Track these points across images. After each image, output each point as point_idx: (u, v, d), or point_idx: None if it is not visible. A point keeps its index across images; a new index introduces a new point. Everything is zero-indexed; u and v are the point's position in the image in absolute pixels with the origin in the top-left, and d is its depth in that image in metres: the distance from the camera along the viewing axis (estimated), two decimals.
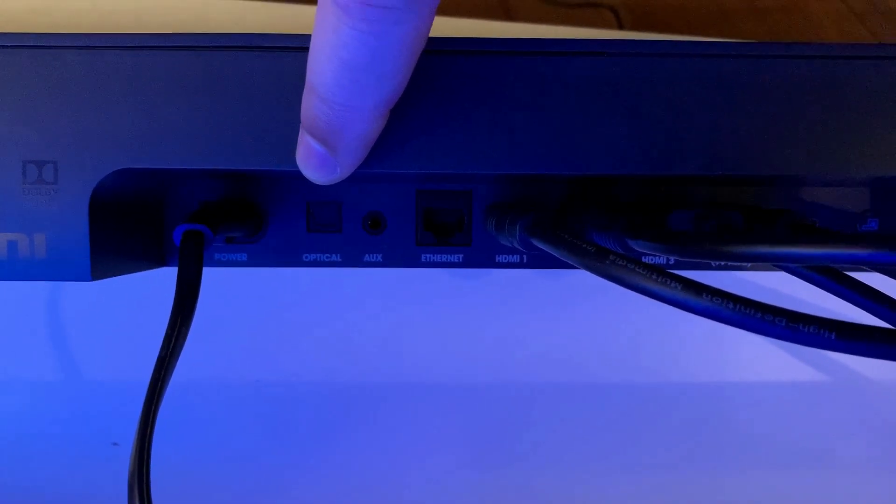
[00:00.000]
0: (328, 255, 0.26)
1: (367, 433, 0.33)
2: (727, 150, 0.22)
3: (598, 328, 0.33)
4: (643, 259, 0.26)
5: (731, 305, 0.17)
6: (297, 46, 0.21)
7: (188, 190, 0.25)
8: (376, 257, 0.26)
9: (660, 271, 0.18)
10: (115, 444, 0.31)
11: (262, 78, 0.21)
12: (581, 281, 0.33)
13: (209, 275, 0.31)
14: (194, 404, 0.32)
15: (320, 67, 0.17)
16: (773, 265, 0.25)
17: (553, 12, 0.70)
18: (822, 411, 0.33)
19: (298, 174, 0.24)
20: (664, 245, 0.20)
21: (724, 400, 0.33)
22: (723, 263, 0.27)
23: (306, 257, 0.26)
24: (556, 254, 0.21)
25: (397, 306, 0.33)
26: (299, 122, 0.20)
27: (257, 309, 0.32)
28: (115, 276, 0.23)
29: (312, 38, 0.18)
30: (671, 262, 0.26)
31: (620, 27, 0.73)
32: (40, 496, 0.32)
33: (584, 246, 0.19)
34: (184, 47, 0.21)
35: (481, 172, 0.22)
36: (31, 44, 0.21)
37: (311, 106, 0.18)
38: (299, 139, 0.20)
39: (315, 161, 0.19)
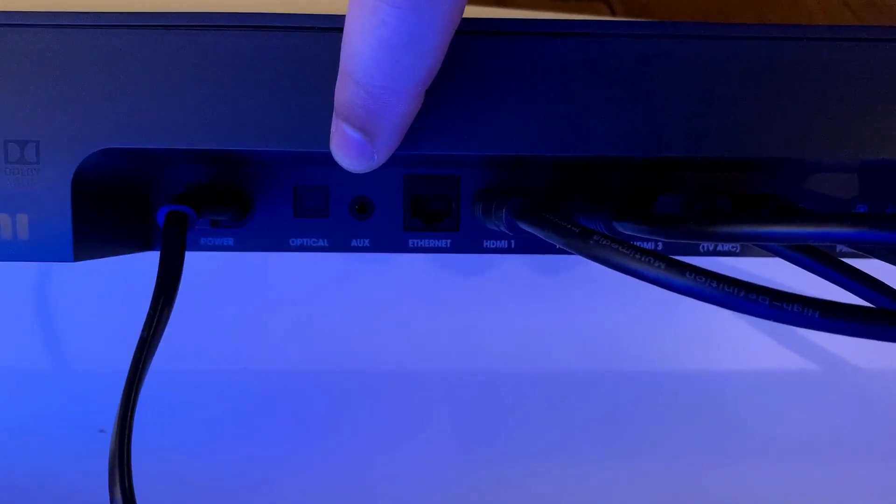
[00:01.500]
0: (315, 240, 0.26)
1: (354, 421, 0.33)
2: (714, 132, 0.21)
3: (587, 317, 0.33)
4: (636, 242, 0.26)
5: (714, 284, 0.17)
6: (283, 26, 0.21)
7: (175, 172, 0.25)
8: (363, 242, 0.26)
9: (643, 251, 0.18)
10: (101, 430, 0.31)
11: (248, 58, 0.21)
12: (571, 269, 0.33)
13: (197, 260, 0.31)
14: (180, 392, 0.32)
15: (356, 50, 0.17)
16: (758, 246, 0.25)
17: (546, 2, 0.70)
18: (814, 399, 0.33)
19: (285, 157, 0.24)
20: (650, 227, 0.20)
21: (715, 388, 0.33)
22: (711, 249, 0.27)
23: (293, 242, 0.26)
24: (541, 235, 0.21)
25: (385, 293, 0.33)
26: (284, 100, 0.20)
27: (241, 295, 0.32)
28: (98, 257, 0.22)
29: (346, 22, 0.17)
30: (659, 247, 0.26)
31: (613, 16, 0.73)
32: (27, 483, 0.32)
33: (569, 227, 0.19)
34: (168, 26, 0.21)
35: (468, 154, 0.22)
36: (14, 22, 0.20)
37: (347, 92, 0.18)
38: (333, 128, 0.19)
39: (352, 149, 0.19)
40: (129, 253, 0.24)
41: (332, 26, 0.21)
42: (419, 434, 0.33)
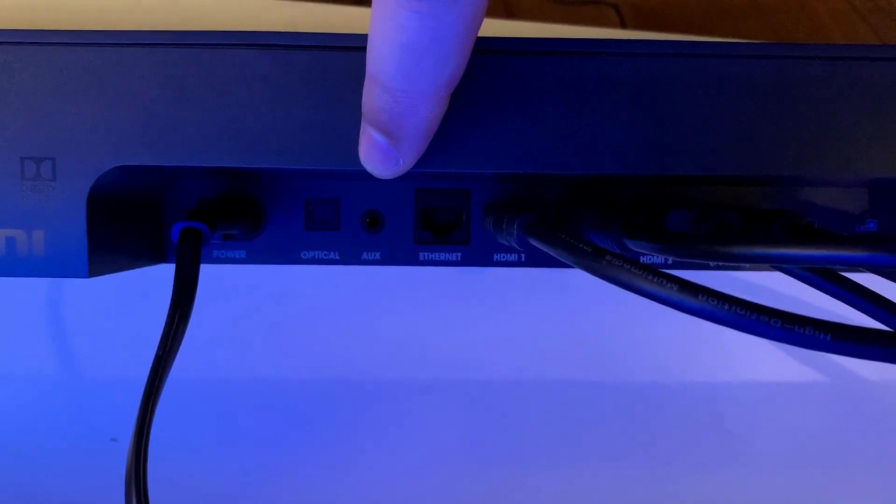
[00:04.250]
0: (326, 253, 0.26)
1: (359, 430, 0.33)
2: (727, 150, 0.22)
3: (590, 326, 0.33)
4: (641, 259, 0.27)
5: (726, 307, 0.17)
6: (296, 45, 0.21)
7: (188, 185, 0.25)
8: (374, 255, 0.27)
9: (655, 272, 0.18)
10: (113, 439, 0.31)
11: (261, 76, 0.21)
12: (574, 280, 0.33)
13: (207, 271, 0.31)
14: (193, 402, 0.32)
15: (379, 54, 0.17)
16: (770, 266, 0.25)
17: (555, 10, 0.70)
18: (818, 411, 0.33)
19: (297, 171, 0.24)
20: (661, 245, 0.20)
21: (717, 399, 0.33)
22: (721, 264, 0.27)
23: (304, 255, 0.26)
24: (553, 253, 0.21)
25: (389, 303, 0.33)
26: (297, 118, 0.20)
27: (249, 305, 0.32)
28: (113, 272, 0.23)
29: (370, 27, 0.17)
30: (669, 262, 0.26)
31: (623, 25, 0.73)
32: (39, 491, 0.32)
33: (581, 246, 0.19)
34: (183, 44, 0.21)
35: (479, 172, 0.22)
36: (32, 40, 0.21)
37: (373, 97, 0.18)
38: (361, 133, 0.20)
39: (378, 154, 0.19)
40: (142, 266, 0.24)
41: (345, 45, 0.21)
42: (421, 442, 0.33)
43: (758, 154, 0.21)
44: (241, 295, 0.32)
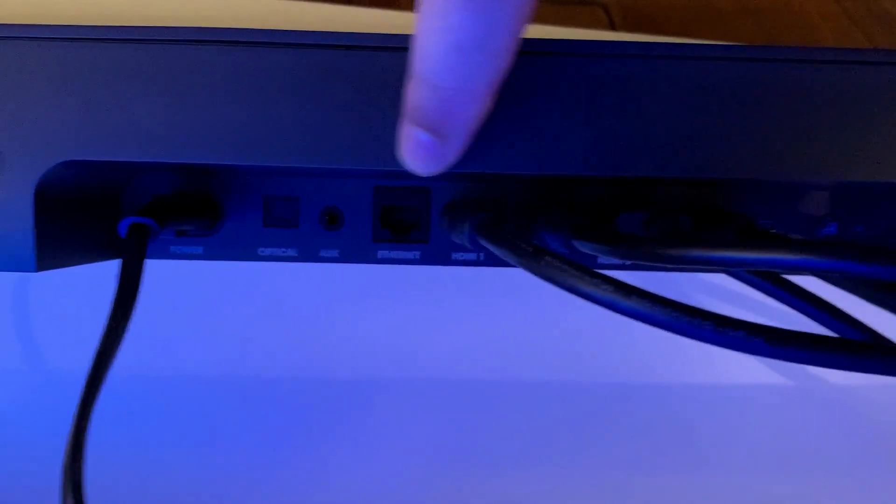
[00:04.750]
0: (284, 250, 0.26)
1: (331, 429, 0.33)
2: (689, 153, 0.21)
3: (548, 327, 0.33)
4: (598, 261, 0.26)
5: (659, 308, 0.17)
6: (247, 41, 0.21)
7: (145, 182, 0.25)
8: (333, 253, 0.26)
9: (591, 273, 0.18)
10: None
11: (211, 72, 0.21)
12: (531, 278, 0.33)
13: (181, 268, 0.31)
14: (161, 399, 0.32)
15: (428, 53, 0.17)
16: (717, 269, 0.25)
17: (543, 10, 0.69)
18: (784, 415, 0.33)
19: (253, 168, 0.24)
20: (605, 246, 0.20)
21: (687, 401, 0.33)
22: (666, 266, 0.27)
23: (262, 251, 0.26)
24: (497, 253, 0.21)
25: (363, 300, 0.33)
26: (247, 113, 0.20)
27: (221, 301, 0.32)
28: (63, 266, 0.23)
29: (418, 26, 0.17)
30: (627, 264, 0.26)
31: (612, 25, 0.73)
32: (3, 484, 0.32)
33: (523, 246, 0.19)
34: (130, 40, 0.21)
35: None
36: None
37: (419, 96, 0.18)
38: (404, 133, 0.19)
39: (424, 152, 0.19)
40: (96, 261, 0.24)
41: (291, 42, 0.21)
42: (380, 442, 0.33)
43: (720, 157, 0.21)
44: (209, 291, 0.32)
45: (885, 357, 0.16)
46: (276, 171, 0.24)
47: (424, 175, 0.20)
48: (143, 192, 0.25)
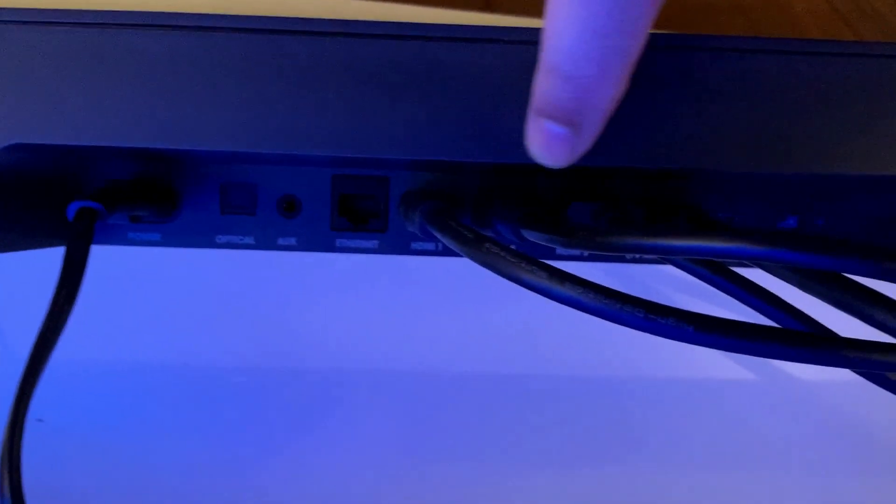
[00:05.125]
0: (241, 238, 0.26)
1: (294, 420, 0.33)
2: (650, 143, 0.21)
3: (499, 320, 0.33)
4: (557, 252, 0.26)
5: (591, 295, 0.17)
6: (195, 26, 0.21)
7: (99, 169, 0.25)
8: (290, 241, 0.26)
9: (528, 259, 0.18)
10: (39, 420, 0.31)
11: (163, 56, 0.21)
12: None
13: (146, 256, 0.31)
14: (118, 387, 0.32)
15: (566, 45, 0.17)
16: (656, 258, 0.25)
17: (533, 4, 0.69)
18: (748, 409, 0.33)
19: (209, 154, 0.24)
20: (549, 235, 0.20)
21: (644, 395, 0.33)
22: (637, 256, 0.26)
23: (219, 239, 0.26)
24: (443, 240, 0.21)
25: (329, 291, 0.33)
26: (198, 98, 0.20)
27: (183, 289, 0.32)
28: (13, 251, 0.23)
29: (550, 18, 0.17)
30: (585, 255, 0.26)
31: None
32: None
33: (465, 233, 0.19)
34: (76, 24, 0.21)
35: (387, 157, 0.22)
36: None
37: (552, 88, 0.18)
38: (533, 127, 0.19)
39: (558, 144, 0.19)
40: (47, 247, 0.24)
41: (249, 27, 0.21)
42: (345, 433, 0.33)
43: (677, 148, 0.21)
44: (166, 280, 0.32)
45: (816, 347, 0.16)
46: (228, 157, 0.24)
47: (555, 167, 0.20)
48: (100, 178, 0.25)
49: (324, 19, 0.21)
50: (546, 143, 0.19)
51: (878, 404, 0.29)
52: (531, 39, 0.21)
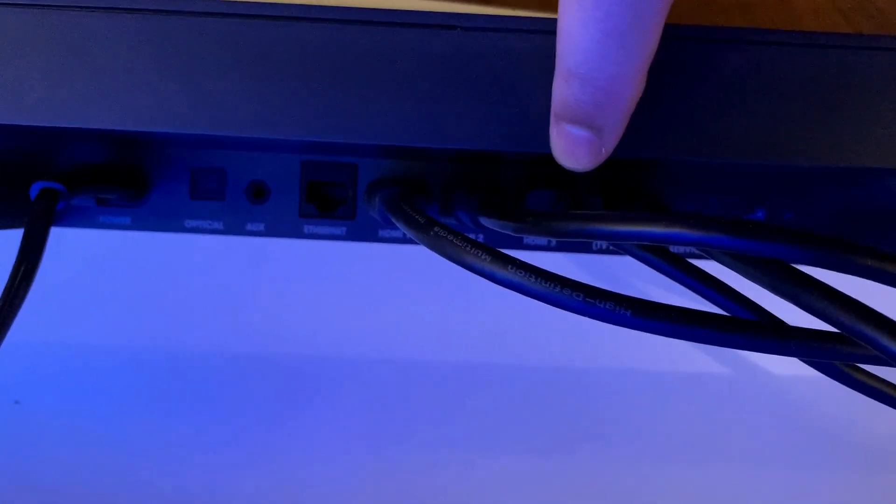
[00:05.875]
0: (210, 223, 0.26)
1: (260, 406, 0.33)
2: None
3: (470, 310, 0.33)
4: (525, 241, 0.26)
5: (532, 279, 0.17)
6: (157, 9, 0.21)
7: (70, 150, 0.25)
8: (259, 226, 0.27)
9: (474, 244, 0.18)
10: (16, 402, 0.32)
11: (129, 39, 0.21)
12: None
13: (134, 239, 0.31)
14: (93, 371, 0.33)
15: (581, 47, 0.17)
16: (612, 245, 0.24)
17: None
18: (718, 404, 0.33)
19: (177, 137, 0.24)
20: (503, 221, 0.20)
21: (613, 388, 0.33)
22: (604, 247, 0.26)
23: (188, 223, 0.26)
24: (397, 224, 0.21)
25: (303, 277, 0.33)
26: (156, 81, 0.20)
27: (159, 275, 0.33)
28: None
29: (563, 20, 0.17)
30: (552, 244, 0.26)
31: None
32: None
33: (416, 217, 0.19)
34: (43, 6, 0.21)
35: (356, 142, 0.22)
36: None
37: (571, 92, 0.18)
38: (556, 132, 0.19)
39: (583, 148, 0.19)
40: (12, 228, 0.24)
41: (204, 11, 0.21)
42: (309, 420, 0.33)
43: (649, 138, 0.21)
44: (141, 265, 0.32)
45: (754, 334, 0.16)
46: (197, 140, 0.24)
47: (583, 170, 0.19)
48: (68, 160, 0.25)
49: (293, 4, 0.21)
50: (570, 147, 0.19)
51: (851, 400, 0.29)
52: (491, 27, 0.21)
